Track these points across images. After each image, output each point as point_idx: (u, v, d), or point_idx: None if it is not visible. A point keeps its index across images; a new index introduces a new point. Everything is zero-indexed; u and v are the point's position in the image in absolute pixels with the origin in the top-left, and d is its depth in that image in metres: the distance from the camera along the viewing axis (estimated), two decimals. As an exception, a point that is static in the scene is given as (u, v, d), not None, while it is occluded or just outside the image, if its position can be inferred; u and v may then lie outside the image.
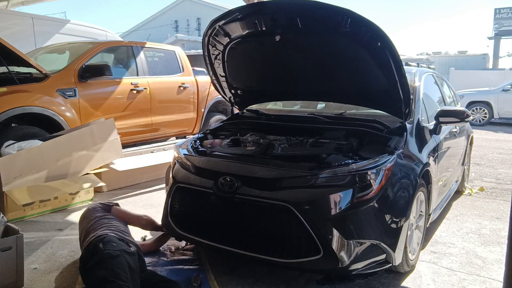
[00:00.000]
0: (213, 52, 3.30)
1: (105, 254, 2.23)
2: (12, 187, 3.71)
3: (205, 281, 2.63)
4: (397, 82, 2.69)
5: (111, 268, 2.14)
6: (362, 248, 2.36)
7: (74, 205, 4.17)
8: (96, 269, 2.17)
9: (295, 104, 4.17)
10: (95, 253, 2.28)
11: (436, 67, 7.07)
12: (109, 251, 2.26)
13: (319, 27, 2.72)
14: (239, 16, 2.87)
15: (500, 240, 3.45)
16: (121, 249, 2.31)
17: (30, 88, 4.54)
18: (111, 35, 9.66)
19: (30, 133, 4.42)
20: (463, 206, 4.39)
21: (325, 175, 2.38)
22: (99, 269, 2.15)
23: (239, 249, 2.52)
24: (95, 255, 2.26)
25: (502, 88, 12.84)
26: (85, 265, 2.29)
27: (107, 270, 2.13)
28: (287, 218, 2.35)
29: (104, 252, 2.25)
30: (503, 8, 27.95)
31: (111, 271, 2.12)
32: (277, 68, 3.31)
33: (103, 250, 2.27)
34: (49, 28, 8.31)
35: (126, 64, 5.79)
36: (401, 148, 2.67)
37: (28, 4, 11.11)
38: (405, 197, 2.57)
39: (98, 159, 4.51)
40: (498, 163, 6.82)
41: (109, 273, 2.11)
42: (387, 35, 2.49)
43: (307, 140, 3.00)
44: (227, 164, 2.68)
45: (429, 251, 3.19)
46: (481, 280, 2.76)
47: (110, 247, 2.30)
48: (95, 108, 5.07)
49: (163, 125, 6.02)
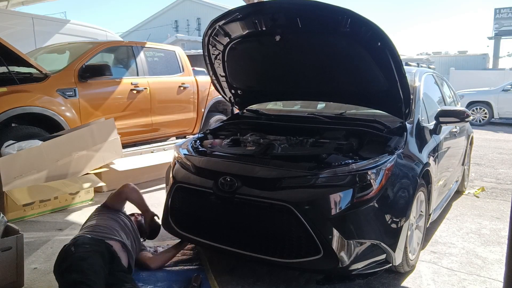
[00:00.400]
0: (213, 52, 3.30)
1: (76, 258, 2.25)
2: (12, 187, 3.71)
3: (205, 281, 2.63)
4: (397, 82, 2.69)
5: (82, 270, 2.16)
6: (362, 248, 2.36)
7: (74, 205, 4.17)
8: (68, 273, 2.19)
9: (295, 104, 4.17)
10: (67, 257, 2.29)
11: (436, 67, 7.07)
12: (80, 253, 2.27)
13: (319, 27, 2.72)
14: (239, 16, 2.87)
15: (500, 240, 3.45)
16: (92, 250, 2.31)
17: (30, 88, 4.54)
18: (111, 35, 9.67)
19: (30, 133, 4.42)
20: (463, 206, 4.39)
21: (325, 175, 2.38)
22: (71, 273, 2.18)
23: (239, 249, 2.52)
24: (67, 259, 2.28)
25: (502, 88, 12.84)
26: (58, 269, 2.30)
27: (78, 272, 2.16)
28: (287, 218, 2.35)
29: (75, 255, 2.27)
30: (503, 8, 27.95)
31: (82, 273, 2.15)
32: (277, 68, 3.31)
33: (74, 253, 2.28)
34: (49, 28, 8.32)
35: (126, 64, 5.79)
36: (401, 148, 2.67)
37: (28, 4, 11.11)
38: (405, 197, 2.57)
39: (98, 159, 4.51)
40: (498, 163, 6.82)
41: (80, 276, 2.13)
42: (387, 35, 2.49)
43: (307, 140, 3.00)
44: (227, 164, 2.68)
45: (429, 251, 3.19)
46: (481, 280, 2.76)
47: (82, 249, 2.30)
48: (95, 108, 5.07)
49: (163, 125, 6.02)
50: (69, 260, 2.25)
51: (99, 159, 4.53)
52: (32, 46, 7.20)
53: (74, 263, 2.22)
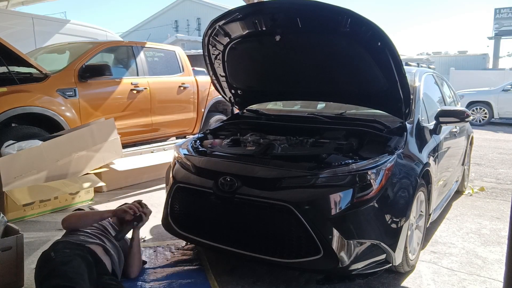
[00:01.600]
0: (213, 52, 3.30)
1: (57, 263, 2.14)
2: (12, 187, 3.71)
3: (205, 281, 2.62)
4: (397, 82, 2.69)
5: (64, 275, 2.06)
6: (362, 248, 2.36)
7: (74, 205, 4.17)
8: (49, 279, 2.08)
9: (295, 104, 4.17)
10: (47, 262, 2.19)
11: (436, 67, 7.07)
12: (61, 258, 2.16)
13: (319, 27, 2.72)
14: (239, 16, 2.87)
15: (500, 240, 3.45)
16: (74, 253, 2.21)
17: (30, 88, 4.54)
18: (111, 35, 9.66)
19: (30, 133, 4.42)
20: (463, 206, 4.39)
21: (325, 175, 2.38)
22: (53, 278, 2.06)
23: (239, 249, 2.52)
24: (47, 264, 2.18)
25: (502, 88, 12.84)
26: (39, 276, 2.18)
27: (61, 277, 2.04)
28: (287, 218, 2.35)
29: (55, 260, 2.16)
30: (503, 8, 27.96)
31: (65, 278, 2.04)
32: (277, 68, 3.31)
33: (54, 258, 2.17)
34: (49, 28, 8.31)
35: (126, 64, 5.79)
36: (401, 148, 2.67)
37: (28, 4, 11.11)
38: (405, 197, 2.57)
39: (98, 159, 4.51)
40: (498, 163, 6.82)
41: (63, 281, 2.02)
42: (387, 35, 2.49)
43: (307, 140, 3.00)
44: (227, 164, 2.68)
45: (429, 251, 3.19)
46: (481, 280, 2.76)
47: (62, 254, 2.20)
48: (95, 108, 5.07)
49: (163, 125, 6.02)
50: (50, 266, 2.14)
51: (99, 159, 4.53)
52: (32, 46, 7.20)
53: (56, 268, 2.10)
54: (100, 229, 2.61)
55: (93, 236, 2.50)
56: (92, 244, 2.41)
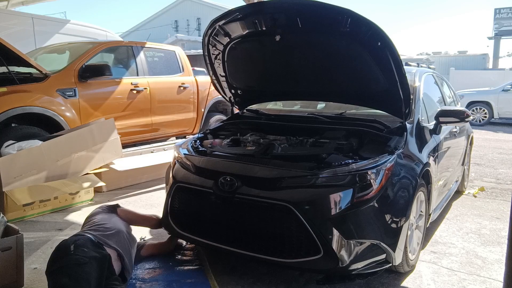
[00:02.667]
0: (213, 52, 3.30)
1: (72, 260, 2.13)
2: (12, 187, 3.71)
3: (205, 281, 2.62)
4: (397, 82, 2.69)
5: (74, 277, 2.06)
6: (362, 248, 2.36)
7: (74, 205, 4.17)
8: (59, 274, 2.08)
9: (295, 104, 4.17)
10: (63, 255, 2.18)
11: (436, 67, 7.06)
12: (78, 257, 2.15)
13: (319, 27, 2.72)
14: (239, 16, 2.87)
15: (500, 240, 3.45)
16: (91, 256, 2.19)
17: (30, 88, 4.54)
18: (111, 35, 9.66)
19: (30, 133, 4.42)
20: (463, 206, 4.39)
21: (325, 175, 2.38)
22: (63, 276, 2.06)
23: (239, 249, 2.52)
24: (63, 257, 2.16)
25: (502, 88, 12.84)
26: (51, 267, 2.18)
27: (70, 278, 2.04)
28: (287, 218, 2.35)
29: (71, 257, 2.14)
30: (503, 8, 27.94)
31: (73, 280, 2.04)
32: (277, 68, 3.31)
33: (71, 254, 2.16)
34: (49, 28, 8.31)
35: (126, 64, 5.79)
36: (401, 148, 2.67)
37: (28, 4, 11.11)
38: (405, 197, 2.57)
39: (98, 159, 4.51)
40: (498, 163, 6.82)
41: (71, 283, 2.03)
42: (387, 35, 2.49)
43: (307, 140, 3.00)
44: (227, 164, 2.68)
45: (429, 251, 3.19)
46: (481, 280, 2.76)
47: (80, 252, 2.18)
48: (95, 108, 5.07)
49: (163, 125, 6.02)
50: (64, 261, 2.14)
51: (99, 159, 4.53)
52: (32, 46, 7.19)
53: (69, 266, 2.11)
54: (126, 238, 2.64)
55: (113, 237, 2.51)
56: (110, 247, 2.42)
